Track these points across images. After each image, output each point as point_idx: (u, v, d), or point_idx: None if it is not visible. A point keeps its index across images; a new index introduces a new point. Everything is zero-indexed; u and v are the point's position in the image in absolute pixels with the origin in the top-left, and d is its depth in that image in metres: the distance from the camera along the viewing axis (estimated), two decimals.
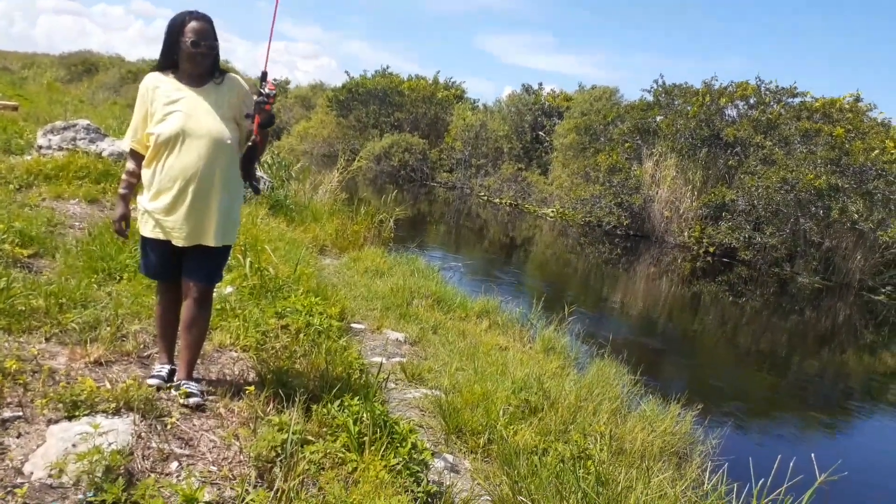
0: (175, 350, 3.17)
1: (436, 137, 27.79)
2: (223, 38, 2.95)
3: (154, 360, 3.27)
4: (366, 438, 2.92)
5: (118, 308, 3.69)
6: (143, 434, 2.59)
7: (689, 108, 17.79)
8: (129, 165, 2.96)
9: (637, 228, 18.15)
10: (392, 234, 10.42)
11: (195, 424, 2.81)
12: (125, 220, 2.98)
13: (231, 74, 3.00)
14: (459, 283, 8.87)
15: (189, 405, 2.89)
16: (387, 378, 4.10)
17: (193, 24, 2.79)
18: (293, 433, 2.71)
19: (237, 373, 3.50)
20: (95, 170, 7.47)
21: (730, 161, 17.25)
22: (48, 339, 3.28)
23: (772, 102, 17.92)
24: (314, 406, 3.07)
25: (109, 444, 2.35)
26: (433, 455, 3.32)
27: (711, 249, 16.22)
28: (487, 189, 22.99)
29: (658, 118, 18.96)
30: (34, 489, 2.17)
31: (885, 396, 8.12)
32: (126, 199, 2.98)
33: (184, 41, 2.79)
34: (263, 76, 2.84)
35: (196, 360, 3.10)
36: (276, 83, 2.87)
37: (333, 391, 3.25)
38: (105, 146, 8.36)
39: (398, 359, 5.12)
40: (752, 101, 18.04)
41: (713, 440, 4.78)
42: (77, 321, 3.42)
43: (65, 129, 8.39)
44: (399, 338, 5.64)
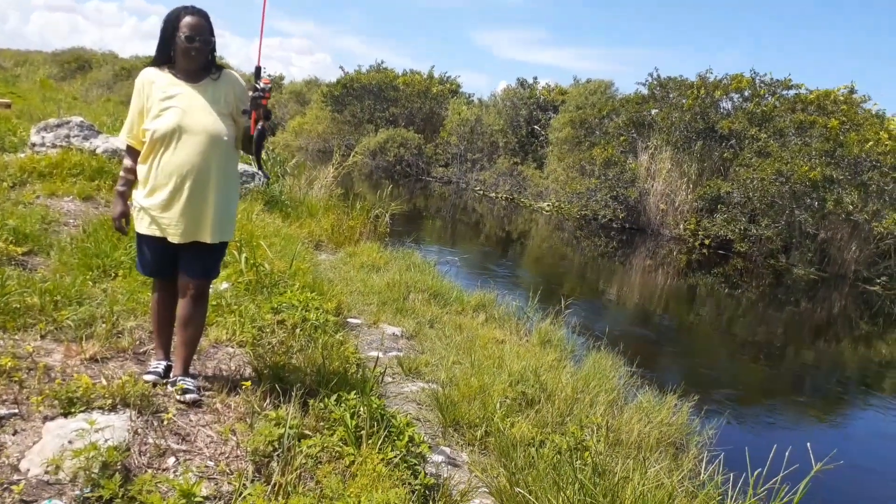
0: (171, 346, 3.17)
1: (431, 132, 27.71)
2: (217, 34, 2.94)
3: (150, 357, 3.27)
4: (363, 432, 2.92)
5: (113, 305, 3.69)
6: (140, 430, 2.59)
7: (684, 101, 17.78)
8: (126, 162, 2.94)
9: (633, 222, 18.17)
10: (388, 230, 10.41)
11: (192, 420, 2.81)
12: (125, 217, 2.96)
13: (228, 70, 2.98)
14: (456, 278, 8.88)
15: (185, 401, 2.89)
16: (384, 372, 4.11)
17: (189, 20, 2.78)
18: (290, 428, 2.72)
19: (233, 368, 3.50)
20: (89, 167, 7.44)
21: (725, 153, 17.26)
22: (43, 337, 3.28)
23: (766, 95, 17.92)
24: (311, 401, 3.07)
25: (106, 441, 2.35)
26: (430, 448, 3.34)
27: (707, 242, 16.25)
28: (483, 183, 22.97)
29: (653, 111, 18.95)
30: (31, 486, 2.17)
31: (880, 386, 8.16)
32: (124, 196, 2.96)
33: (179, 36, 2.78)
34: (258, 71, 2.84)
35: (192, 356, 3.10)
36: (271, 78, 2.85)
37: (330, 386, 3.25)
38: (99, 143, 8.32)
39: (395, 353, 5.13)
40: (747, 94, 18.02)
41: (709, 430, 4.81)
42: (72, 318, 3.42)
43: (58, 127, 8.35)
44: (396, 332, 5.64)
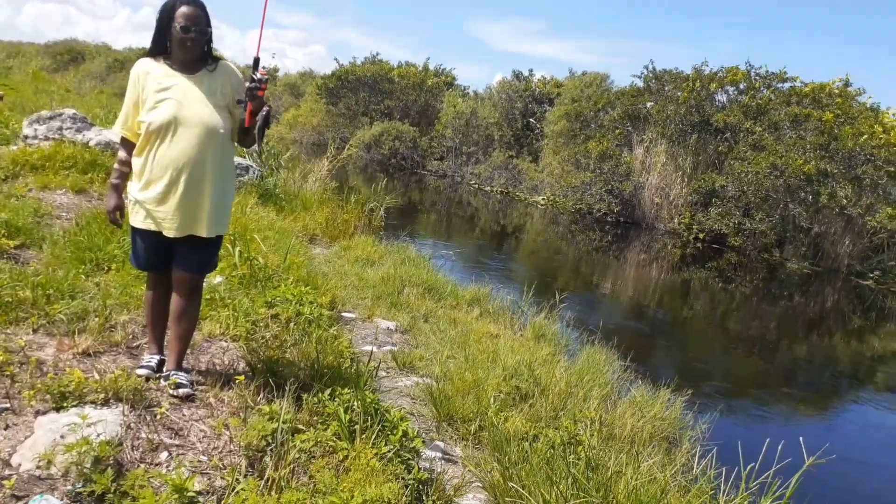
0: (164, 340, 3.16)
1: (426, 125, 27.62)
2: (212, 25, 2.90)
3: (143, 351, 3.26)
4: (357, 427, 2.92)
5: (106, 298, 3.67)
6: (133, 424, 2.58)
7: (680, 94, 17.77)
8: (121, 154, 2.91)
9: (627, 215, 18.18)
10: (383, 223, 10.39)
11: (185, 414, 2.80)
12: (119, 210, 2.92)
13: (224, 62, 2.94)
14: (451, 272, 8.87)
15: (179, 395, 2.88)
16: (378, 366, 4.11)
17: (184, 10, 2.74)
18: (283, 422, 2.71)
19: (227, 362, 3.49)
20: (82, 160, 7.40)
21: (720, 147, 17.28)
22: (35, 331, 3.27)
23: (762, 88, 17.92)
24: (305, 395, 3.07)
25: (98, 435, 2.34)
26: (424, 442, 3.34)
27: (701, 236, 16.28)
28: (478, 177, 22.94)
29: (648, 104, 18.93)
30: (22, 481, 2.17)
31: (873, 380, 8.21)
32: (118, 189, 2.92)
33: (174, 27, 2.75)
34: (256, 62, 2.79)
35: (186, 351, 3.10)
36: (266, 70, 2.82)
37: (324, 380, 3.25)
38: (92, 136, 8.27)
39: (389, 347, 5.13)
40: (742, 87, 18.03)
41: (702, 425, 4.83)
42: (65, 312, 3.41)
43: (51, 119, 8.30)
44: (390, 326, 5.64)
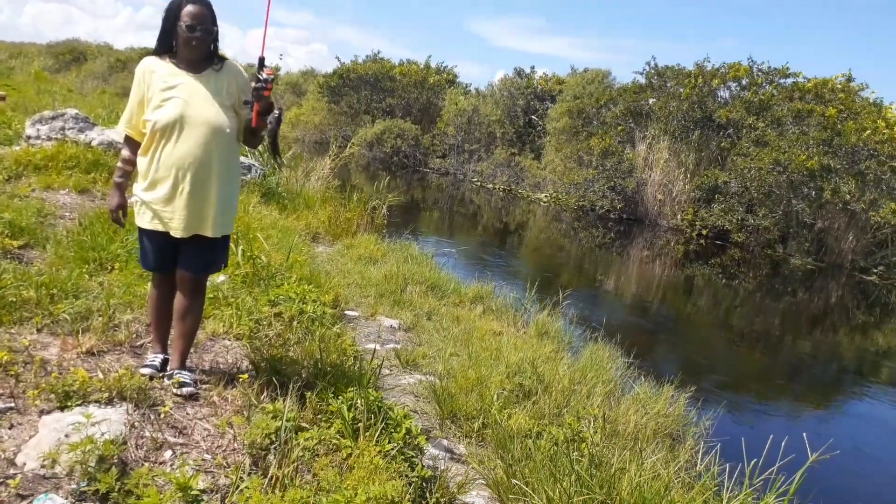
0: (168, 339, 3.17)
1: (428, 123, 27.60)
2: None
3: (147, 350, 3.27)
4: (360, 424, 2.93)
5: (110, 298, 3.68)
6: (137, 423, 2.59)
7: (682, 90, 17.73)
8: (125, 153, 2.90)
9: (630, 212, 18.16)
10: (385, 221, 10.40)
11: (189, 413, 2.81)
12: (122, 210, 2.92)
13: (230, 61, 2.93)
14: (453, 269, 8.88)
15: (182, 394, 2.89)
16: (381, 364, 4.11)
17: (190, 8, 2.73)
18: (287, 420, 2.72)
19: (230, 361, 3.50)
20: (85, 159, 7.41)
21: (722, 143, 17.24)
22: (39, 330, 3.27)
23: (764, 83, 17.87)
24: (308, 393, 3.08)
25: (102, 434, 2.34)
26: (428, 440, 3.34)
27: (704, 232, 16.26)
28: (480, 174, 22.92)
29: (651, 101, 18.90)
30: (27, 480, 2.17)
31: (877, 376, 8.19)
32: (122, 188, 2.91)
33: (180, 25, 2.74)
34: (261, 62, 2.76)
35: (189, 350, 3.10)
36: (272, 69, 2.81)
37: (327, 378, 3.25)
38: (94, 135, 8.28)
39: (392, 345, 5.13)
40: (745, 83, 17.97)
41: (706, 421, 4.83)
42: (68, 311, 3.41)
43: (53, 119, 8.31)
44: (393, 324, 5.64)
